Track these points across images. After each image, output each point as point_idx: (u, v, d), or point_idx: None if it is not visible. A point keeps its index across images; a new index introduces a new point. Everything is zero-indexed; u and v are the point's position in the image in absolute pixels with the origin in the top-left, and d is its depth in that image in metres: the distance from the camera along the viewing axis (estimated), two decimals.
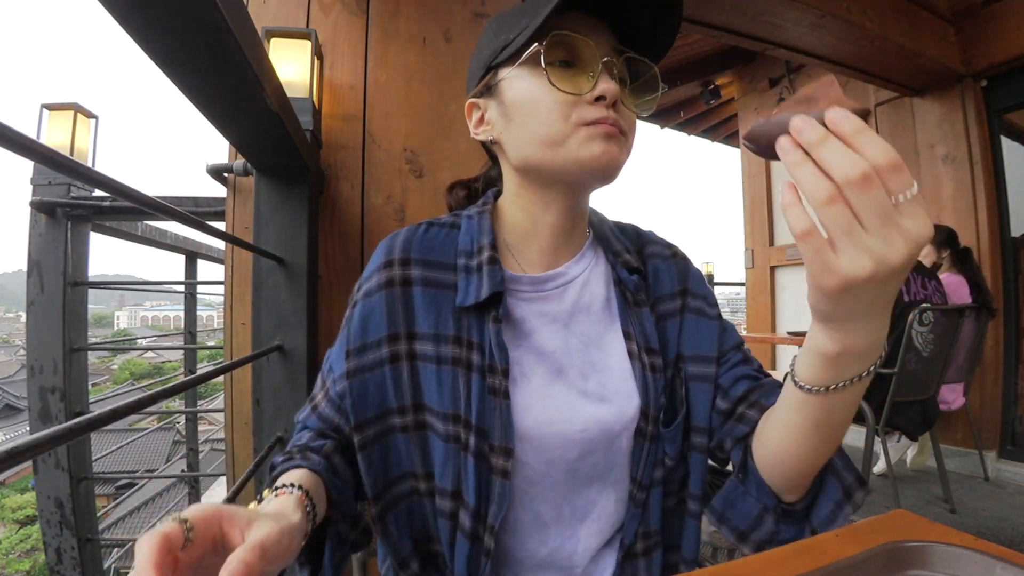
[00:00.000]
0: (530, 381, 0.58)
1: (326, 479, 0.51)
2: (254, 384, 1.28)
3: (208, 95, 0.81)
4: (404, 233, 0.62)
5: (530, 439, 0.56)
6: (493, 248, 0.60)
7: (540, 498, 0.58)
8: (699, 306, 0.65)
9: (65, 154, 0.47)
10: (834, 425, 0.47)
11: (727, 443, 0.59)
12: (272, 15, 1.49)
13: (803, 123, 0.37)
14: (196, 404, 3.38)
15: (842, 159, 0.35)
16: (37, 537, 10.73)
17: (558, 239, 0.63)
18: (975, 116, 2.90)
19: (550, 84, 0.54)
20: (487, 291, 0.56)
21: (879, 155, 0.34)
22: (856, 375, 0.43)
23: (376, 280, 0.59)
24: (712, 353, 0.62)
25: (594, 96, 0.54)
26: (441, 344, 0.57)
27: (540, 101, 0.55)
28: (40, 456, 1.89)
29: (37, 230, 1.94)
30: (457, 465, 0.55)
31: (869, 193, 0.34)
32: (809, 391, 0.44)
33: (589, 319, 0.62)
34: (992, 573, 0.37)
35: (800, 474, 0.51)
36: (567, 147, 0.55)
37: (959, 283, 2.58)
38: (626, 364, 0.61)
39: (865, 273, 0.35)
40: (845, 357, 0.41)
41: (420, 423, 0.57)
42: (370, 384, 0.57)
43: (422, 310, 0.58)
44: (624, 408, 0.58)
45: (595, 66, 0.55)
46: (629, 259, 0.64)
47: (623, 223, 0.72)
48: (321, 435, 0.58)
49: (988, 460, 2.74)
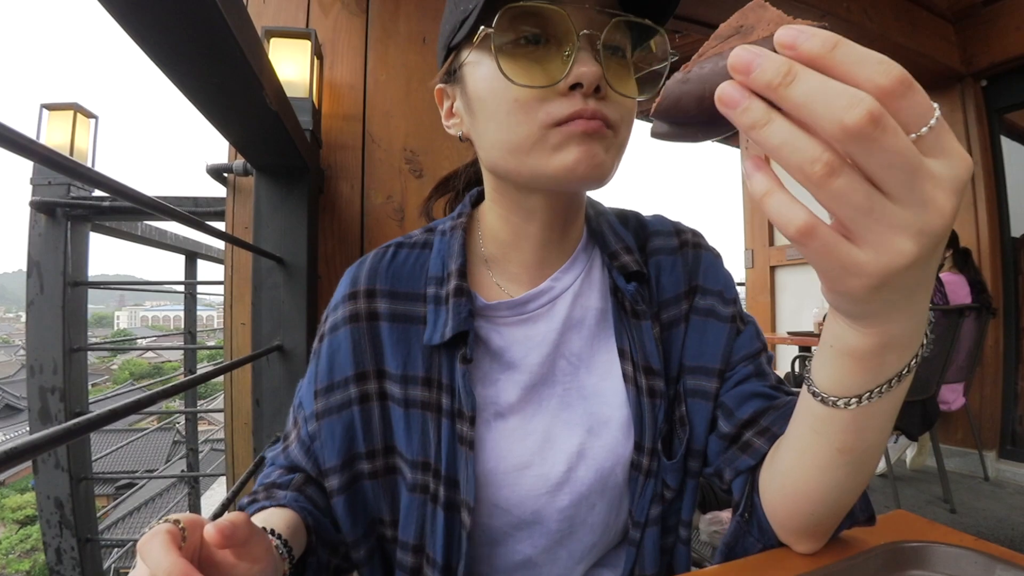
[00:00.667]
0: (507, 421, 0.51)
1: (298, 509, 0.47)
2: (254, 384, 1.28)
3: (208, 95, 0.81)
4: (370, 260, 0.55)
5: (509, 485, 0.50)
6: (461, 276, 0.52)
7: (529, 542, 0.51)
8: (709, 305, 0.55)
9: (65, 154, 0.47)
10: (865, 450, 0.36)
11: (727, 473, 0.50)
12: (272, 15, 1.49)
13: (749, 54, 0.24)
14: (196, 404, 3.38)
15: (828, 97, 0.23)
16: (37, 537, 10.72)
17: (545, 250, 0.54)
18: (975, 116, 2.90)
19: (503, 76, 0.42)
20: (451, 330, 0.49)
21: (878, 75, 0.23)
22: (896, 374, 0.32)
23: (341, 313, 0.53)
24: (715, 364, 0.52)
25: (567, 84, 0.42)
26: (409, 386, 0.50)
27: (498, 96, 0.44)
28: (40, 456, 1.89)
29: (37, 230, 1.94)
30: (422, 517, 0.49)
31: (883, 140, 0.23)
32: (835, 405, 0.34)
33: (581, 336, 0.54)
34: (992, 573, 0.37)
35: (818, 519, 0.41)
36: (534, 156, 0.44)
37: (960, 283, 2.58)
38: (621, 388, 0.53)
39: (906, 259, 0.25)
40: (886, 352, 0.31)
41: (390, 467, 0.51)
42: (337, 427, 0.51)
43: (390, 347, 0.51)
44: (616, 440, 0.51)
45: (570, 41, 0.42)
46: (627, 262, 0.54)
47: (626, 212, 0.62)
48: (292, 470, 0.54)
49: (988, 460, 2.74)
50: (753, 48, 0.25)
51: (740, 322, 0.55)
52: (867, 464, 0.38)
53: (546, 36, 0.44)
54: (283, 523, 0.44)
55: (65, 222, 1.95)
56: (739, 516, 0.48)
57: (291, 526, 0.45)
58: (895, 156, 0.23)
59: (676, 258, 0.57)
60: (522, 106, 0.43)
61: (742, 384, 0.51)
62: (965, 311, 2.29)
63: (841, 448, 0.36)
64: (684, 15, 2.40)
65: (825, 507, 0.41)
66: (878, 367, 0.32)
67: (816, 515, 0.41)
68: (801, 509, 0.41)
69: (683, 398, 0.53)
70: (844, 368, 0.33)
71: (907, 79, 0.23)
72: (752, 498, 0.47)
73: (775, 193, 0.26)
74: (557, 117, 0.43)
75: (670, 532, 0.52)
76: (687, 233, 0.59)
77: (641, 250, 0.57)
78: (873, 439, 0.36)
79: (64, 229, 1.95)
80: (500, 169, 0.48)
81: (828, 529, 0.43)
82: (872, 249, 0.25)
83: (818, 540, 0.44)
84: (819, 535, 0.43)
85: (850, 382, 0.34)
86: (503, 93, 0.44)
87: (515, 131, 0.44)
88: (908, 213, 0.24)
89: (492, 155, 0.48)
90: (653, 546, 0.50)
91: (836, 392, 0.34)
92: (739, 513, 0.48)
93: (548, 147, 0.44)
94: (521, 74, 0.43)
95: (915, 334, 0.31)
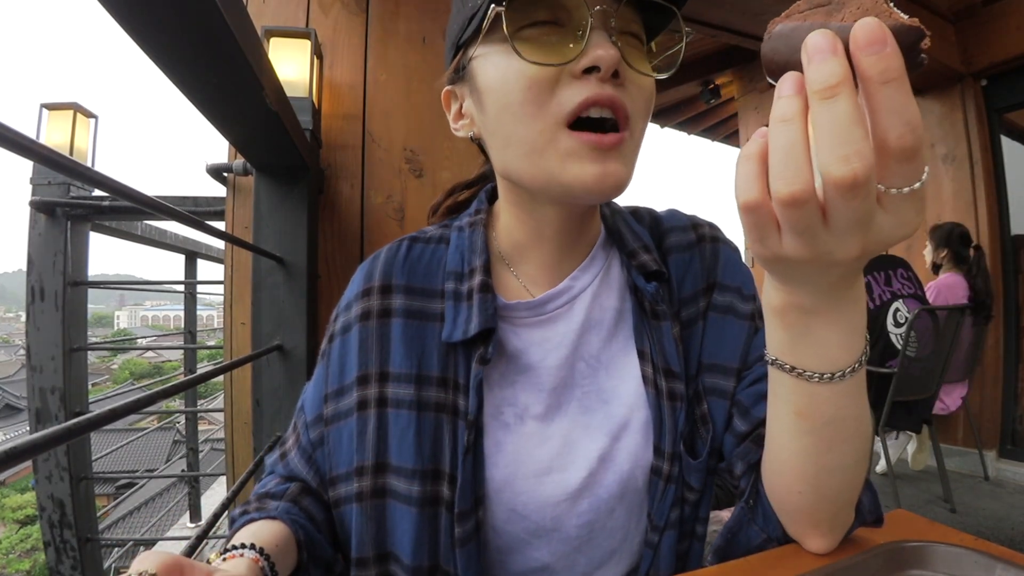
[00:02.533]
0: (525, 425, 0.50)
1: (290, 523, 0.45)
2: (254, 384, 1.28)
3: (207, 94, 0.81)
4: (384, 254, 0.54)
5: (528, 491, 0.48)
6: (486, 272, 0.50)
7: (547, 548, 0.49)
8: (728, 302, 0.53)
9: (65, 154, 0.47)
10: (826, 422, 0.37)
11: (737, 467, 0.49)
12: (272, 14, 1.49)
13: (815, 48, 0.26)
14: (196, 404, 3.39)
15: (838, 137, 0.25)
16: (37, 537, 10.73)
17: (561, 252, 0.53)
18: (975, 116, 2.90)
19: (519, 57, 0.41)
20: (476, 326, 0.47)
21: (896, 134, 0.25)
22: (834, 353, 0.35)
23: (355, 311, 0.52)
24: (732, 363, 0.51)
25: (581, 67, 0.40)
26: (424, 386, 0.48)
27: (509, 83, 0.42)
28: (40, 456, 1.89)
29: (37, 230, 1.94)
30: (434, 532, 0.46)
31: (851, 199, 0.26)
32: (774, 363, 0.38)
33: (600, 337, 0.53)
34: (992, 573, 0.37)
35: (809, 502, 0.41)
36: (547, 160, 0.42)
37: (956, 283, 2.56)
38: (640, 390, 0.51)
39: (801, 257, 0.29)
40: (803, 315, 0.34)
41: (379, 489, 0.47)
42: (344, 434, 0.49)
43: (400, 346, 0.49)
44: (637, 444, 0.50)
45: (584, 22, 0.40)
46: (647, 260, 0.52)
47: (639, 209, 0.60)
48: (290, 479, 0.52)
49: (988, 460, 2.74)
50: (825, 40, 0.25)
51: (759, 319, 0.53)
52: (837, 441, 0.38)
53: (559, 18, 0.42)
54: (271, 538, 0.42)
55: (65, 222, 1.95)
56: (743, 503, 0.48)
57: (279, 542, 0.43)
58: (853, 212, 0.26)
59: (693, 254, 0.55)
60: (535, 91, 0.41)
61: (759, 383, 0.49)
62: (954, 312, 2.29)
63: (798, 412, 0.38)
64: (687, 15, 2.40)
65: (807, 484, 0.40)
66: (801, 328, 0.35)
67: (806, 495, 0.41)
68: (787, 485, 0.42)
69: (703, 396, 0.51)
70: (771, 324, 0.37)
71: (915, 148, 0.25)
72: (756, 485, 0.47)
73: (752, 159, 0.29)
74: (569, 108, 0.41)
75: (688, 534, 0.51)
76: (704, 227, 0.57)
77: (658, 248, 0.56)
78: (829, 412, 0.37)
79: (64, 229, 1.95)
80: (513, 174, 0.47)
81: (829, 520, 0.42)
82: (786, 243, 0.29)
83: (824, 535, 0.42)
84: (822, 527, 0.42)
85: (777, 338, 0.37)
86: (515, 80, 0.42)
87: (528, 125, 0.42)
88: (832, 241, 0.28)
89: (505, 156, 0.46)
90: (670, 549, 0.49)
91: (771, 349, 0.37)
92: (744, 499, 0.48)
93: (560, 151, 0.42)
94: (534, 54, 0.41)
95: (834, 311, 0.34)
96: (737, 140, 5.09)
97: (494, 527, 0.49)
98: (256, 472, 1.09)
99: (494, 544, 0.49)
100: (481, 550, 0.47)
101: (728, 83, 4.38)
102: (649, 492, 0.50)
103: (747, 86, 4.25)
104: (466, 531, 0.46)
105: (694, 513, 0.51)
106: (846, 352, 0.35)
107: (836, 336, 0.35)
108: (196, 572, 0.33)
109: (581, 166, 0.42)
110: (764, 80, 3.64)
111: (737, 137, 5.00)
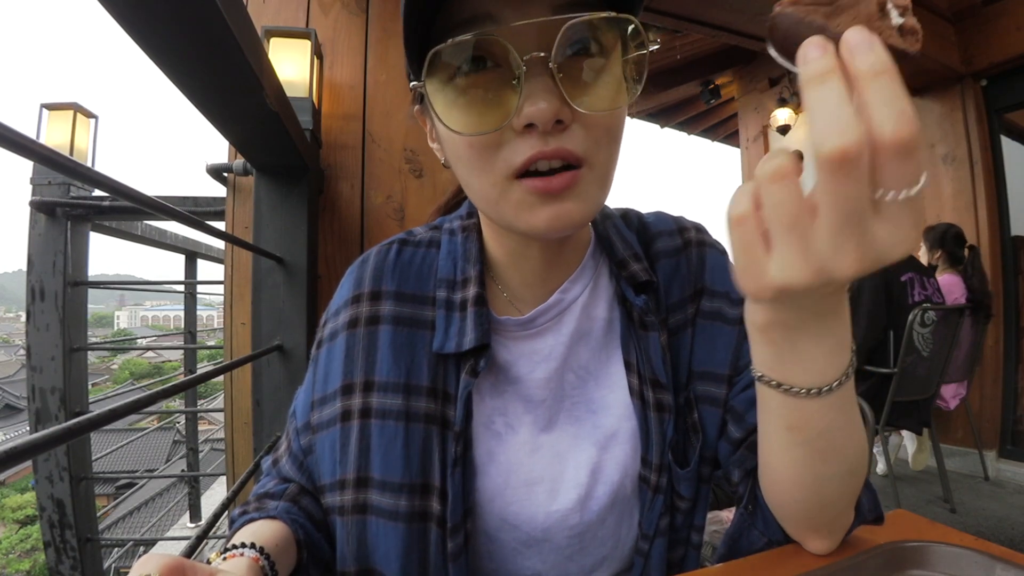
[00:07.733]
0: (517, 435, 0.49)
1: (289, 523, 0.45)
2: (254, 384, 1.29)
3: (207, 94, 0.81)
4: (373, 258, 0.52)
5: (519, 501, 0.48)
6: (480, 284, 0.49)
7: (538, 558, 0.49)
8: (716, 308, 0.52)
9: (65, 154, 0.47)
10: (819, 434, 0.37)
11: (735, 474, 0.49)
12: (272, 15, 1.49)
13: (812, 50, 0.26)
14: (196, 404, 3.39)
15: (830, 116, 0.24)
16: (37, 537, 10.73)
17: (547, 268, 0.51)
18: (975, 116, 2.90)
19: (443, 126, 0.39)
20: (472, 341, 0.46)
21: (888, 125, 0.23)
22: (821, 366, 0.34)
23: (342, 318, 0.51)
24: (723, 371, 0.51)
25: (520, 124, 0.37)
26: (413, 396, 0.47)
27: (454, 141, 0.41)
28: (40, 456, 1.89)
29: (37, 230, 1.94)
30: (423, 547, 0.45)
31: (842, 178, 0.24)
32: (760, 379, 0.37)
33: (588, 348, 0.52)
34: (992, 573, 0.37)
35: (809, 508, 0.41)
36: (501, 209, 0.41)
37: (954, 284, 2.56)
38: (627, 400, 0.51)
39: (799, 284, 0.27)
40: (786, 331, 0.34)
41: (360, 504, 0.46)
42: (326, 445, 0.49)
43: (388, 353, 0.48)
44: (624, 453, 0.50)
45: (518, 71, 0.37)
46: (636, 271, 0.51)
47: (628, 213, 0.59)
48: (286, 481, 0.52)
49: (988, 460, 2.74)
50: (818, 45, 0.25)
51: None
52: (830, 451, 0.38)
53: (490, 67, 0.38)
54: (271, 537, 0.42)
55: (65, 222, 1.95)
56: (743, 508, 0.47)
57: (279, 541, 0.43)
58: (843, 199, 0.25)
59: (680, 259, 0.54)
60: (478, 151, 0.39)
61: (751, 388, 0.49)
62: (964, 312, 2.29)
63: (788, 426, 0.37)
64: (684, 15, 2.40)
65: (805, 492, 0.40)
66: (786, 345, 0.34)
67: (804, 502, 0.40)
68: (786, 493, 0.41)
69: (694, 404, 0.51)
70: (755, 341, 0.36)
71: (909, 144, 0.24)
72: (755, 491, 0.46)
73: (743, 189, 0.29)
74: (515, 165, 0.39)
75: (681, 542, 0.50)
76: (690, 230, 0.56)
77: (645, 254, 0.54)
78: (820, 424, 0.36)
79: (64, 229, 1.95)
80: (479, 209, 0.47)
81: (828, 523, 0.42)
82: (776, 262, 0.28)
83: (824, 537, 0.43)
84: (822, 530, 0.42)
85: (762, 354, 0.36)
86: (457, 139, 0.40)
87: (479, 178, 0.41)
88: (822, 248, 0.26)
89: (469, 193, 0.45)
90: (660, 557, 0.49)
91: (757, 365, 0.37)
92: (743, 505, 0.48)
93: (512, 202, 0.40)
94: (469, 120, 0.39)
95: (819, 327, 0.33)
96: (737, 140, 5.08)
97: (486, 533, 0.49)
98: (256, 472, 1.09)
99: (486, 553, 0.49)
100: (473, 563, 0.47)
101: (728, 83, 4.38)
102: (638, 500, 0.50)
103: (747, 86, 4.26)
104: (458, 545, 0.45)
105: (687, 521, 0.50)
106: (833, 366, 0.35)
107: (822, 351, 0.34)
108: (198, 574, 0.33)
109: (532, 213, 0.40)
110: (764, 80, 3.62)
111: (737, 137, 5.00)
